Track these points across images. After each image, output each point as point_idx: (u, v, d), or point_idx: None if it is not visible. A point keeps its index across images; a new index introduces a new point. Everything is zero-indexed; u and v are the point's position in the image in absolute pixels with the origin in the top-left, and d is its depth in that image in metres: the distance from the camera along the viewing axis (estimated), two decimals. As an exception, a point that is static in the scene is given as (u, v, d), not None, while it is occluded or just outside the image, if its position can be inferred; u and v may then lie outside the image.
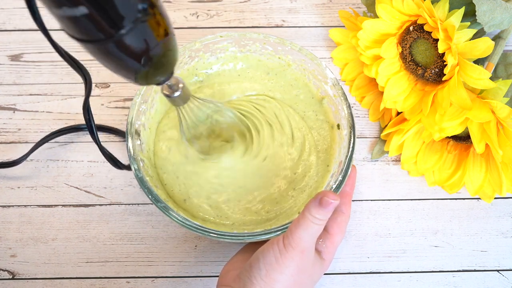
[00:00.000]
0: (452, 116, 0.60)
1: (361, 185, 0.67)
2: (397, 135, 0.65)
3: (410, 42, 0.63)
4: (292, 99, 0.67)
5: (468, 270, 0.64)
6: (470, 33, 0.58)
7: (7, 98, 0.71)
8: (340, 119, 0.63)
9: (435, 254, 0.64)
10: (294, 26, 0.75)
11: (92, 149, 0.68)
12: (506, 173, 0.60)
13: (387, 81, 0.64)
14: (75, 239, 0.64)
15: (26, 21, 0.75)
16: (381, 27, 0.62)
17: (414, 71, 0.64)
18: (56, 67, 0.72)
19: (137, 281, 0.62)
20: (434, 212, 0.66)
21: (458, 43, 0.57)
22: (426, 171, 0.65)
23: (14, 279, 0.62)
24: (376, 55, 0.64)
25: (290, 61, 0.66)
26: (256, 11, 0.76)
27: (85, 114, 0.55)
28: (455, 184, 0.65)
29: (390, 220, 0.65)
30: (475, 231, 0.65)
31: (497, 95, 0.58)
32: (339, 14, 0.69)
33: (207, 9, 0.76)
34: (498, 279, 0.63)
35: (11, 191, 0.66)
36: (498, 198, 0.66)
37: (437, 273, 0.63)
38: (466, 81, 0.58)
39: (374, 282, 0.63)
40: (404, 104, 0.64)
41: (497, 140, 0.58)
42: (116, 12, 0.34)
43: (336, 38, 0.71)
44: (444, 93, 0.59)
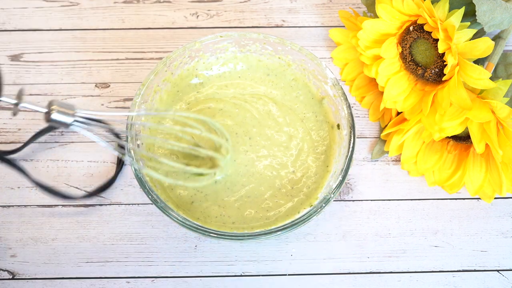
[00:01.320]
0: (452, 116, 0.59)
1: (361, 185, 0.67)
2: (397, 135, 0.65)
3: (410, 42, 0.63)
4: (292, 100, 0.67)
5: (468, 270, 0.64)
6: (470, 33, 0.58)
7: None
8: (340, 119, 0.63)
9: (435, 254, 0.64)
10: (294, 26, 0.75)
11: (92, 149, 0.68)
12: (506, 173, 0.60)
13: (387, 81, 0.64)
14: (75, 239, 0.64)
15: (26, 21, 0.75)
16: (381, 27, 0.62)
17: (414, 71, 0.64)
18: (56, 67, 0.72)
19: (137, 281, 0.62)
20: (434, 212, 0.66)
21: (458, 43, 0.57)
22: (426, 171, 0.65)
23: (14, 279, 0.62)
24: (376, 55, 0.64)
25: (290, 61, 0.66)
26: (256, 11, 0.76)
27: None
28: (455, 184, 0.65)
29: (390, 220, 0.65)
30: (475, 231, 0.65)
31: (497, 95, 0.58)
32: (339, 14, 0.69)
33: (207, 9, 0.76)
34: (498, 279, 0.63)
35: (11, 191, 0.66)
36: (498, 198, 0.66)
37: (437, 273, 0.63)
38: (466, 81, 0.58)
39: (374, 282, 0.63)
40: (404, 104, 0.64)
41: (497, 140, 0.58)
42: None
43: (336, 38, 0.71)
44: (444, 93, 0.59)
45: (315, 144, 0.65)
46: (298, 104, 0.67)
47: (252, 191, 0.62)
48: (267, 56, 0.67)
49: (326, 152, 0.64)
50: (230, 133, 0.65)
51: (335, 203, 0.66)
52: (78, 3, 0.76)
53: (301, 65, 0.66)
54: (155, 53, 0.73)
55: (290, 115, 0.66)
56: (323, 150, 0.64)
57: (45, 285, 0.62)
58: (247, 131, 0.65)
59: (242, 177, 0.63)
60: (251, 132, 0.65)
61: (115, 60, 0.73)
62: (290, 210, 0.61)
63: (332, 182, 0.60)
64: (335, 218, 0.65)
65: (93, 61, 0.73)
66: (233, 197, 0.62)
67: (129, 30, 0.75)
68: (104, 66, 0.73)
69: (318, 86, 0.66)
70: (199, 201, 0.62)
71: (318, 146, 0.65)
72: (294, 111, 0.66)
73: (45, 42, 0.74)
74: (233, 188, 0.63)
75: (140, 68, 0.72)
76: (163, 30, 0.75)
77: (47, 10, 0.75)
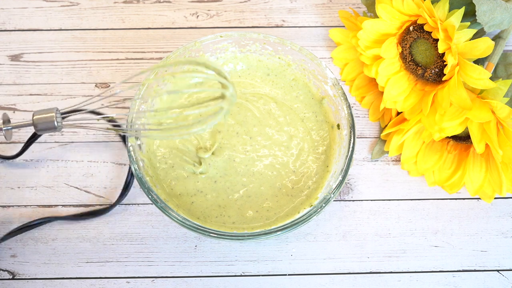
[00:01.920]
0: (452, 116, 0.60)
1: (361, 185, 0.67)
2: (397, 135, 0.65)
3: (410, 42, 0.63)
4: (292, 100, 0.67)
5: (468, 270, 0.64)
6: (470, 33, 0.58)
7: (7, 98, 0.71)
8: (340, 119, 0.63)
9: (435, 254, 0.64)
10: (294, 26, 0.75)
11: (92, 149, 0.68)
12: (506, 173, 0.60)
13: (387, 81, 0.64)
14: (75, 239, 0.64)
15: (26, 21, 0.75)
16: (381, 27, 0.62)
17: (414, 71, 0.64)
18: (56, 67, 0.72)
19: (137, 281, 0.62)
20: (434, 212, 0.66)
21: (458, 43, 0.57)
22: (426, 171, 0.65)
23: (14, 279, 0.62)
24: (376, 55, 0.64)
25: (290, 61, 0.66)
26: (256, 11, 0.76)
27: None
28: (455, 184, 0.65)
29: (390, 220, 0.65)
30: (475, 231, 0.65)
31: (497, 95, 0.58)
32: (339, 14, 0.69)
33: (207, 9, 0.76)
34: (498, 279, 0.63)
35: (11, 191, 0.66)
36: (498, 198, 0.66)
37: (437, 273, 0.63)
38: (466, 81, 0.58)
39: (374, 282, 0.63)
40: (404, 104, 0.64)
41: (497, 140, 0.58)
42: None
43: (336, 38, 0.71)
44: (444, 93, 0.59)
45: (315, 144, 0.65)
46: (298, 103, 0.67)
47: (252, 191, 0.62)
48: (267, 56, 0.67)
49: (326, 152, 0.64)
50: (231, 132, 0.65)
51: (335, 203, 0.66)
52: (78, 3, 0.76)
53: (301, 65, 0.66)
54: (155, 53, 0.73)
55: (291, 115, 0.66)
56: (323, 150, 0.64)
57: (45, 285, 0.62)
58: (248, 130, 0.65)
59: (243, 176, 0.63)
60: (252, 131, 0.65)
61: (115, 60, 0.73)
62: (291, 210, 0.61)
63: (332, 182, 0.60)
64: (335, 218, 0.65)
65: (93, 61, 0.73)
66: (234, 196, 0.62)
67: (129, 30, 0.75)
68: (104, 66, 0.73)
69: (318, 86, 0.66)
70: (199, 201, 0.62)
71: (319, 146, 0.65)
72: (295, 111, 0.66)
73: (45, 42, 0.74)
74: (234, 188, 0.63)
75: (140, 68, 0.72)
76: (163, 30, 0.75)
77: (47, 10, 0.75)
